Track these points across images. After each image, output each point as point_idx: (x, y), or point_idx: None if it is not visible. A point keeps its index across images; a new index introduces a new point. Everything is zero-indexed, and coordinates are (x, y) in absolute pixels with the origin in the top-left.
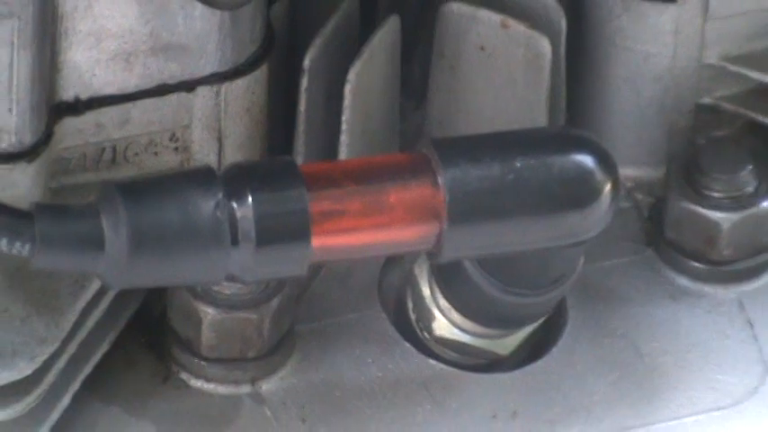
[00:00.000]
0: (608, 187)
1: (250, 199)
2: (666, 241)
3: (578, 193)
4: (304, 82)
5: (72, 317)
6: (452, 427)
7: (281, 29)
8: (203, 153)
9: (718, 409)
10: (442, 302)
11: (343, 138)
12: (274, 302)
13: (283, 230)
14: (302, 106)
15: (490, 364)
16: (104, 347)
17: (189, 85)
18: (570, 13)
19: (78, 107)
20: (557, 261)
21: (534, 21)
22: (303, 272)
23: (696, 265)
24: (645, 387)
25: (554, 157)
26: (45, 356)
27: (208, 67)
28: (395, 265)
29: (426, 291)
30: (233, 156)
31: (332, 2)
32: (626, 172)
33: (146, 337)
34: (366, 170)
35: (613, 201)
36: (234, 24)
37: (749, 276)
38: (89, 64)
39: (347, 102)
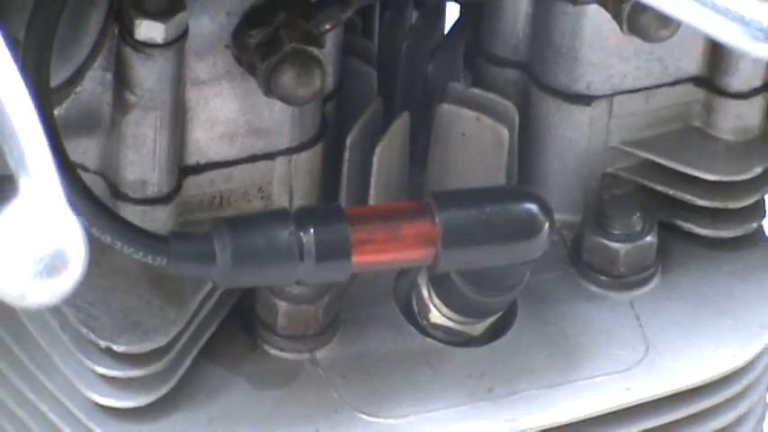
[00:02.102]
0: (547, 225)
1: (312, 231)
2: (583, 262)
3: (527, 228)
4: (346, 154)
5: (193, 306)
6: (441, 383)
7: (331, 119)
8: (280, 200)
9: (617, 372)
10: (436, 300)
11: (372, 191)
12: (326, 298)
13: (333, 252)
14: (344, 170)
15: (467, 341)
16: (213, 327)
17: (271, 156)
18: (521, 111)
19: (198, 169)
20: (512, 274)
21: (497, 116)
22: (345, 278)
23: (602, 278)
24: (569, 358)
25: (511, 205)
26: (174, 333)
27: (283, 143)
28: (405, 275)
29: (425, 292)
30: (300, 201)
31: (365, 104)
32: (557, 216)
33: (241, 320)
34: (387, 212)
35: (550, 234)
36: (301, 115)
37: (637, 286)
38: (205, 140)
39: (374, 168)
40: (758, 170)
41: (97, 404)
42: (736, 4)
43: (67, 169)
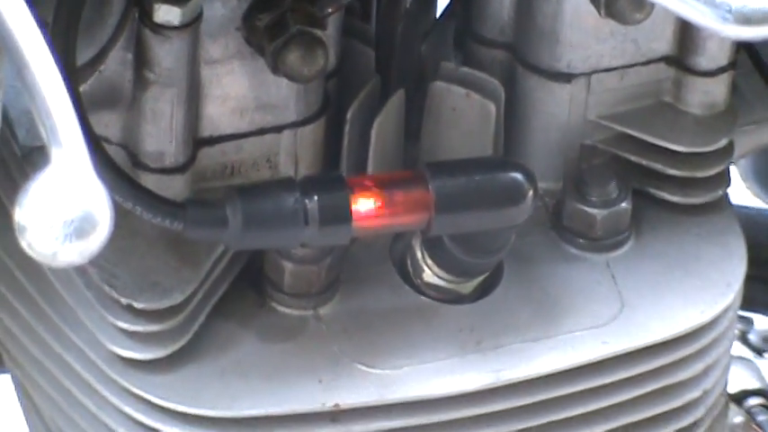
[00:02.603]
0: (530, 193)
1: (315, 198)
2: (563, 226)
3: (513, 195)
4: (347, 128)
5: (206, 267)
6: (434, 336)
7: (333, 95)
8: (286, 169)
9: (594, 327)
10: (429, 262)
11: (370, 161)
12: (328, 260)
13: (335, 217)
14: (345, 142)
15: (457, 299)
16: (225, 286)
17: (278, 129)
18: (507, 88)
19: (211, 141)
20: (498, 237)
21: (485, 92)
22: (346, 242)
23: (581, 241)
24: (551, 314)
25: (498, 174)
26: (189, 291)
27: (289, 117)
28: (400, 238)
29: (419, 254)
30: (304, 170)
31: (363, 81)
32: (539, 184)
33: (250, 280)
34: (384, 181)
35: (533, 201)
36: (306, 92)
37: (613, 248)
38: (218, 115)
39: (372, 140)
40: (723, 142)
41: (119, 356)
42: None
43: (92, 141)
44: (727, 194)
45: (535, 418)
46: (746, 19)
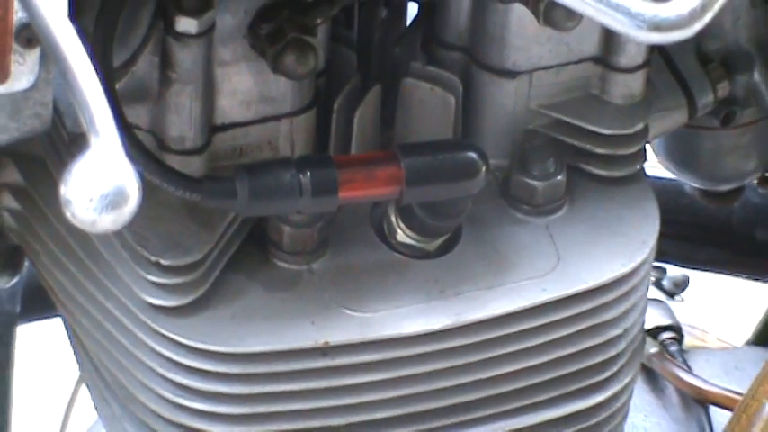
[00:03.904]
0: (483, 168)
1: (309, 174)
2: (510, 196)
3: (469, 171)
4: (334, 117)
5: (221, 230)
6: (405, 286)
7: (322, 90)
8: (284, 151)
9: (536, 277)
10: (401, 225)
11: (353, 144)
12: (320, 224)
13: (324, 189)
14: (332, 128)
15: (424, 255)
16: (235, 246)
17: (277, 118)
18: (464, 83)
19: (223, 128)
20: (457, 204)
21: (446, 87)
22: (334, 209)
23: (525, 207)
24: (500, 267)
25: (457, 153)
26: (206, 250)
27: (287, 108)
28: (378, 206)
29: (393, 219)
30: (299, 152)
31: (347, 79)
32: (491, 161)
33: (256, 240)
34: (364, 160)
35: (486, 175)
36: (300, 87)
37: (551, 213)
38: (228, 107)
39: (354, 127)
40: (640, 126)
41: (149, 303)
42: (625, 1)
43: (126, 128)
44: (643, 168)
45: (488, 352)
46: (657, 27)
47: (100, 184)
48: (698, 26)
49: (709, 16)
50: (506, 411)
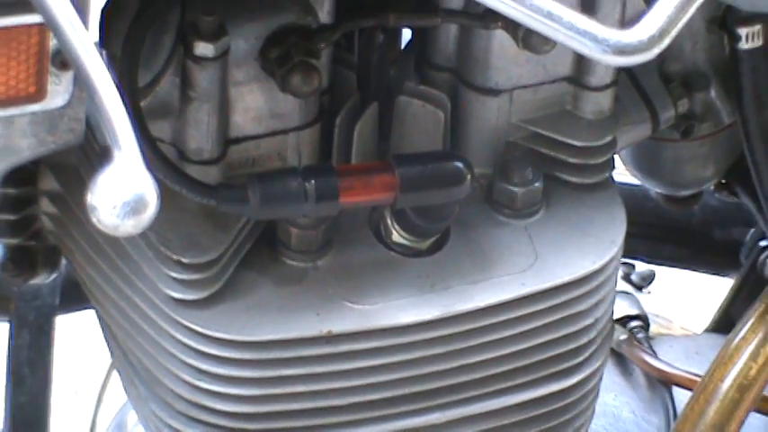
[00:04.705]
0: (469, 176)
1: (313, 182)
2: (493, 200)
3: (456, 178)
4: (336, 131)
5: (235, 231)
6: (400, 281)
7: (326, 107)
8: (292, 161)
9: (516, 273)
10: (396, 226)
11: (353, 155)
12: (323, 226)
13: (327, 195)
14: (335, 141)
15: (417, 253)
16: (248, 246)
17: (285, 132)
18: (452, 100)
19: (237, 141)
20: (446, 208)
21: (436, 104)
22: (336, 213)
23: (506, 210)
24: (484, 264)
25: (445, 163)
26: (222, 250)
27: (294, 123)
28: (375, 210)
29: (389, 221)
30: (305, 162)
31: (348, 97)
32: (476, 170)
33: (266, 241)
34: (363, 169)
35: (472, 182)
36: (306, 104)
37: (529, 216)
38: (242, 122)
39: (354, 140)
40: (609, 138)
41: (171, 297)
42: (592, 27)
43: (150, 141)
44: (612, 176)
45: (474, 340)
46: (621, 51)
47: (122, 193)
48: (657, 50)
49: (666, 41)
50: (490, 393)
